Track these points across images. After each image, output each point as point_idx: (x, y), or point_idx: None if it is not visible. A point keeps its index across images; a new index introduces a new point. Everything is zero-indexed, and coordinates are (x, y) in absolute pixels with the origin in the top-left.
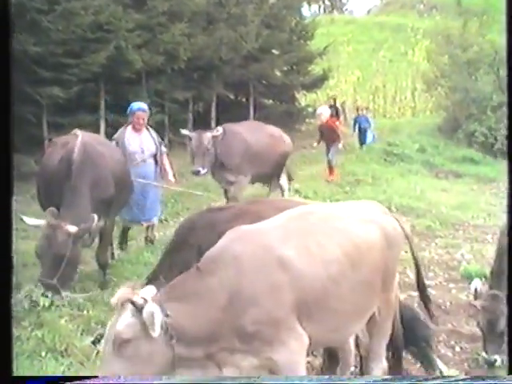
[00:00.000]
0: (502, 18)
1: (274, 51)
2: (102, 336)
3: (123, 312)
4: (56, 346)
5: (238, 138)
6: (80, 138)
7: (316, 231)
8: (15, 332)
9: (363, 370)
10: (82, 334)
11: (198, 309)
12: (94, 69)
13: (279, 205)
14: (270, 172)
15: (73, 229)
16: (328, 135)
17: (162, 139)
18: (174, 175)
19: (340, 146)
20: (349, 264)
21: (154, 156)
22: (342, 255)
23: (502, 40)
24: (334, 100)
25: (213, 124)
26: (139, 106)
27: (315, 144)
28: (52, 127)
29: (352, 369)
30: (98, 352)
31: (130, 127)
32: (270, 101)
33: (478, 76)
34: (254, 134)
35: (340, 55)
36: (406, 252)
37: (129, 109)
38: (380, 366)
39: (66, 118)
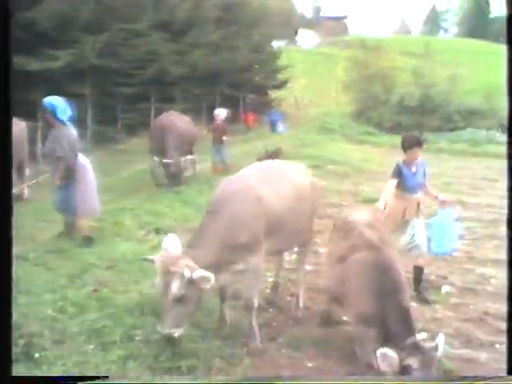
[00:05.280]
0: None
1: None
2: (152, 230)
3: (173, 278)
4: None
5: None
6: None
7: (273, 177)
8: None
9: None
10: None
11: (206, 244)
12: None
13: None
14: None
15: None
16: (218, 135)
17: None
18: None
19: (224, 137)
20: (296, 200)
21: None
22: (291, 193)
23: None
24: None
25: None
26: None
27: (224, 138)
28: None
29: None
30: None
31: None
32: None
33: None
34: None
35: None
36: None
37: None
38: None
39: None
